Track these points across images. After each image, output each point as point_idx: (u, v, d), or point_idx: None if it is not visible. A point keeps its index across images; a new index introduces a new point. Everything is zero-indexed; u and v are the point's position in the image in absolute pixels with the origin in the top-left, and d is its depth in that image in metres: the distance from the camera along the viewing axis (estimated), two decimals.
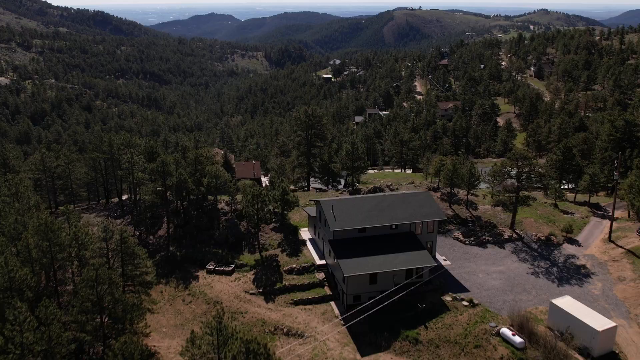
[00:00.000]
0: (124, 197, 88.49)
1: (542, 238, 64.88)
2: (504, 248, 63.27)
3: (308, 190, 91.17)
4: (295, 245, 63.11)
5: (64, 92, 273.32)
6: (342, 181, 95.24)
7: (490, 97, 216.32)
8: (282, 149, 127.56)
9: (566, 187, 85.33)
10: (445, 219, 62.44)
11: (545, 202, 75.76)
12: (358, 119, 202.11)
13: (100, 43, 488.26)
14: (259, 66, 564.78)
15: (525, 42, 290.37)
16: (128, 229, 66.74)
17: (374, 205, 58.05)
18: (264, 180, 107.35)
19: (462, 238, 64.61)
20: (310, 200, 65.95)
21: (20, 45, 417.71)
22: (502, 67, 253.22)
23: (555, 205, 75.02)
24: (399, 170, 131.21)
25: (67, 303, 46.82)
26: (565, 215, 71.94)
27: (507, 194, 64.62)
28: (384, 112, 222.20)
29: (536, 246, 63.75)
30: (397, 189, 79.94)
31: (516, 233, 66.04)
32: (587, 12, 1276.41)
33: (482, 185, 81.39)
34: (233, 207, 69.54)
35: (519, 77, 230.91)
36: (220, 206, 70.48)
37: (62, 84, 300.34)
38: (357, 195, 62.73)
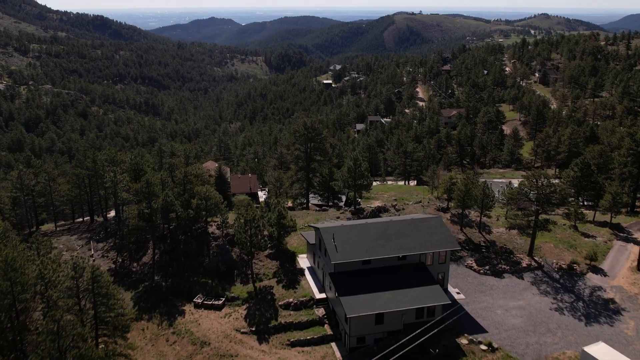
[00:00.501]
0: (111, 214, 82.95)
1: (563, 266, 59.05)
2: (523, 278, 57.43)
3: (307, 208, 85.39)
4: (292, 275, 57.31)
5: (60, 98, 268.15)
6: (344, 197, 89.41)
7: (494, 104, 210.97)
8: (280, 160, 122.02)
9: (584, 204, 79.55)
10: (459, 248, 56.56)
11: (563, 224, 69.95)
12: (359, 126, 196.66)
13: (98, 48, 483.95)
14: (258, 71, 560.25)
15: (529, 47, 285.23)
16: (102, 264, 60.90)
17: (379, 232, 52.28)
18: (261, 195, 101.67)
19: (476, 266, 58.79)
20: (308, 224, 60.17)
21: (17, 50, 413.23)
22: (506, 72, 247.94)
23: (575, 227, 69.23)
24: (402, 183, 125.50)
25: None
26: (586, 239, 66.11)
27: (525, 218, 58.82)
28: (385, 119, 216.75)
29: (558, 276, 57.90)
30: (403, 208, 74.20)
31: (535, 260, 60.22)
32: (587, 16, 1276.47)
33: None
34: (225, 231, 63.75)
35: (523, 84, 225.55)
36: (210, 230, 64.69)
37: (58, 89, 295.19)
38: (361, 221, 56.93)
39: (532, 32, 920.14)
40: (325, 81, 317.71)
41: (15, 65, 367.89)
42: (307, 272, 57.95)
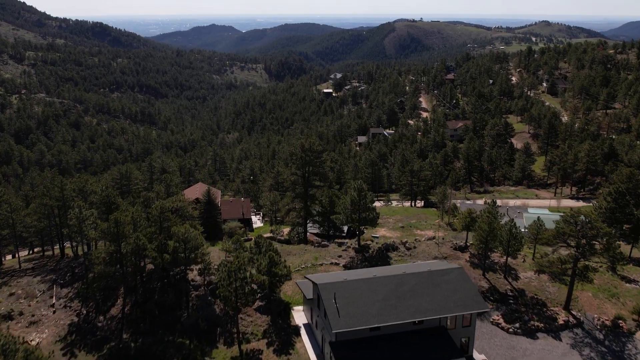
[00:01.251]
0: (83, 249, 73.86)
1: (607, 323, 49.86)
2: (561, 339, 48.21)
3: (305, 241, 76.15)
4: (285, 335, 48.11)
5: (52, 108, 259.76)
6: (346, 228, 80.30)
7: (501, 115, 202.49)
8: (277, 179, 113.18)
9: (618, 239, 70.31)
10: (488, 308, 47.24)
11: (599, 265, 60.73)
12: (361, 138, 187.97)
13: (96, 55, 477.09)
14: (258, 78, 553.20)
15: (535, 55, 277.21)
16: (63, 317, 51.59)
17: (390, 289, 43.16)
18: (255, 220, 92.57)
19: (503, 323, 49.58)
20: (305, 277, 51.02)
21: (12, 57, 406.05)
22: (513, 82, 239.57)
23: (613, 269, 60.05)
24: (408, 204, 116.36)
25: None
26: (628, 285, 56.93)
27: (562, 265, 49.67)
28: (388, 130, 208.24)
29: (602, 336, 48.68)
30: (414, 247, 64.98)
31: (573, 315, 51.01)
32: (586, 23, 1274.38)
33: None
34: (207, 279, 54.64)
35: (531, 94, 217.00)
36: (191, 276, 55.56)
37: (51, 98, 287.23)
38: (367, 272, 47.70)
39: (534, 39, 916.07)
40: (325, 90, 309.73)
41: (10, 73, 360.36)
42: (303, 331, 48.75)
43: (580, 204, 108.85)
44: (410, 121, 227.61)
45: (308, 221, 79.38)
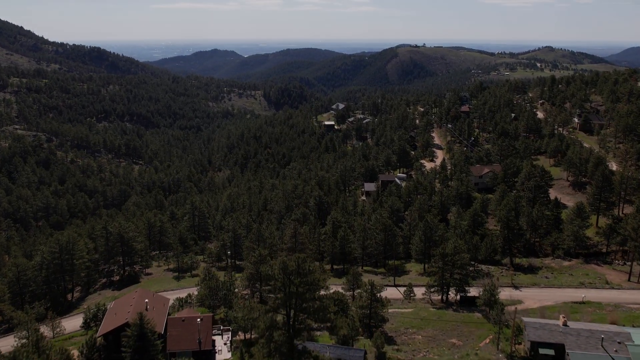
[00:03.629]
0: None
1: None
2: None
3: None
4: None
5: (20, 143, 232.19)
6: None
7: (530, 157, 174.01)
8: (259, 266, 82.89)
9: None
10: None
11: None
12: (369, 186, 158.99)
13: (86, 81, 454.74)
14: (256, 106, 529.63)
15: (560, 86, 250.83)
16: None
17: None
18: (220, 346, 62.33)
19: None
20: None
21: None
22: (539, 117, 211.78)
23: None
24: (438, 297, 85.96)
25: None
26: None
27: None
28: (400, 175, 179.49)
29: None
30: None
31: None
32: (587, 48, 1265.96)
33: None
34: None
35: (565, 132, 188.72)
36: None
37: (24, 131, 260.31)
38: None
39: (539, 64, 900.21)
40: (326, 122, 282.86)
41: None
42: None
43: None
44: (423, 161, 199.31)
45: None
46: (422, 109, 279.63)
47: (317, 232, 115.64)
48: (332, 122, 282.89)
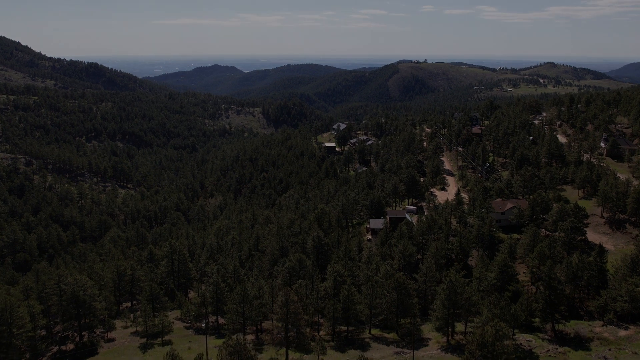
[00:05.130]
0: None
1: None
2: None
3: None
4: None
5: None
6: None
7: (555, 188, 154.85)
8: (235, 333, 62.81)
9: None
10: None
11: None
12: (374, 223, 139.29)
13: (77, 98, 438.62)
14: (255, 124, 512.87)
15: (579, 105, 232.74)
16: None
17: None
18: None
19: None
20: None
21: None
22: (560, 139, 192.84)
23: None
24: None
25: None
26: None
27: None
28: (410, 207, 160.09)
29: None
30: None
31: None
32: (587, 64, 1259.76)
33: None
34: None
35: (593, 159, 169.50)
36: None
37: (1, 153, 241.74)
38: None
39: (541, 80, 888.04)
40: (327, 144, 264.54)
41: None
42: None
43: None
44: (434, 190, 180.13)
45: None
46: (428, 130, 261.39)
47: (316, 289, 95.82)
48: (333, 144, 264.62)
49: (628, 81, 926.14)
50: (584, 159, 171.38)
